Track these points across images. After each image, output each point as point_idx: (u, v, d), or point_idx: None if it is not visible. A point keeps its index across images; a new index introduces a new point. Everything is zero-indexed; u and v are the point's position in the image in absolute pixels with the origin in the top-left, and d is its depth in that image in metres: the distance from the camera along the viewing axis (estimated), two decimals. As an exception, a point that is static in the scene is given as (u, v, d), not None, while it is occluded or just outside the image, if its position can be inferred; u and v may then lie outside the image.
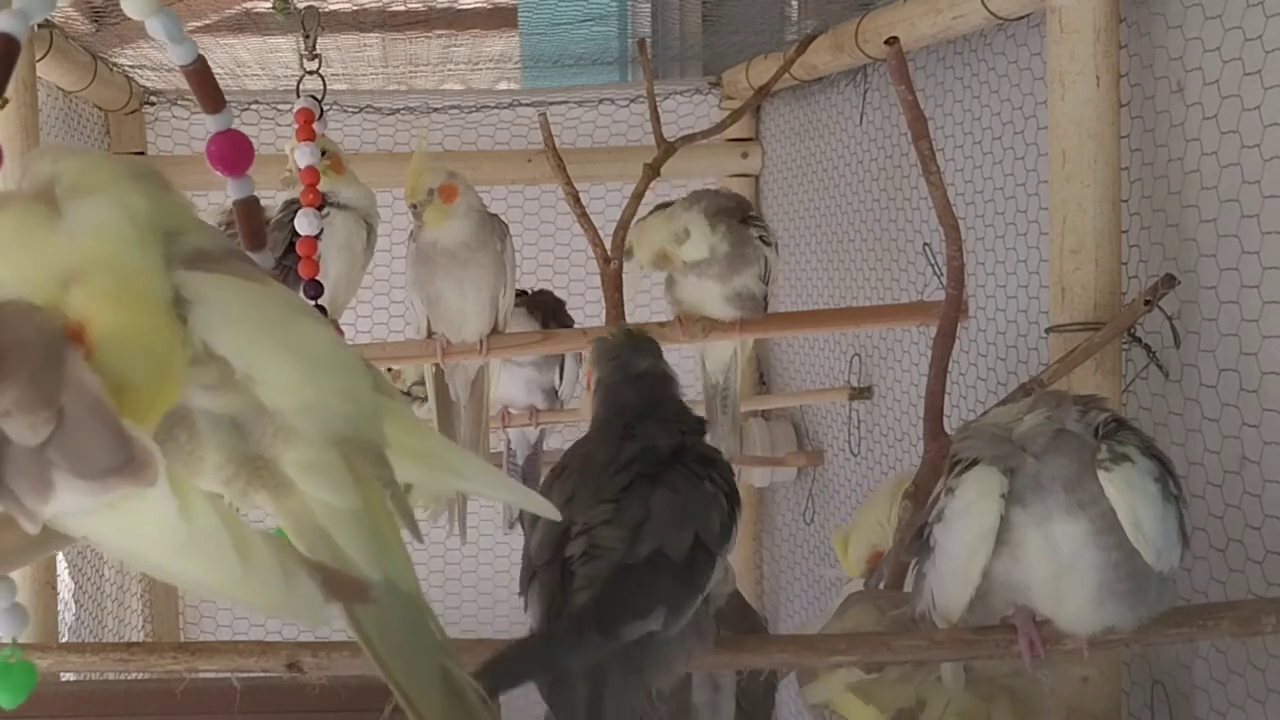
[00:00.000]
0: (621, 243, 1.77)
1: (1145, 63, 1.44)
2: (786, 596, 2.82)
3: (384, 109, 2.88)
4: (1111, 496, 1.09)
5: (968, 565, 1.14)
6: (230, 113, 0.95)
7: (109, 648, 1.22)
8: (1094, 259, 1.42)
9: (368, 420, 0.75)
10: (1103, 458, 1.09)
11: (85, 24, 2.13)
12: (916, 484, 1.51)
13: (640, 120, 2.81)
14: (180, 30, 0.90)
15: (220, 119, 0.94)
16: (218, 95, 0.94)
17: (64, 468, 0.69)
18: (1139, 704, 1.47)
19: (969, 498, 1.13)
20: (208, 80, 0.93)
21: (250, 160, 0.94)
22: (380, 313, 2.87)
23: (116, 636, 2.72)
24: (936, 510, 1.18)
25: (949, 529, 1.15)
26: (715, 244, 1.84)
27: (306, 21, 1.66)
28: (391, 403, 0.78)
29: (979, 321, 1.84)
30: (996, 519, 1.11)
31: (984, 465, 1.14)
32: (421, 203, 1.87)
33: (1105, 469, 1.09)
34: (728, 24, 2.60)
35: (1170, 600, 1.16)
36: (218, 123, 0.94)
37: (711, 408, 2.10)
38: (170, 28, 0.89)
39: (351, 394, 0.76)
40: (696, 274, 1.87)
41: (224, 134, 0.94)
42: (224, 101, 0.94)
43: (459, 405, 2.03)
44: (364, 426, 0.75)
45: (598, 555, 1.06)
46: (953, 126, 1.93)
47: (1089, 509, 1.09)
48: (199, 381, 0.72)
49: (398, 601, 0.76)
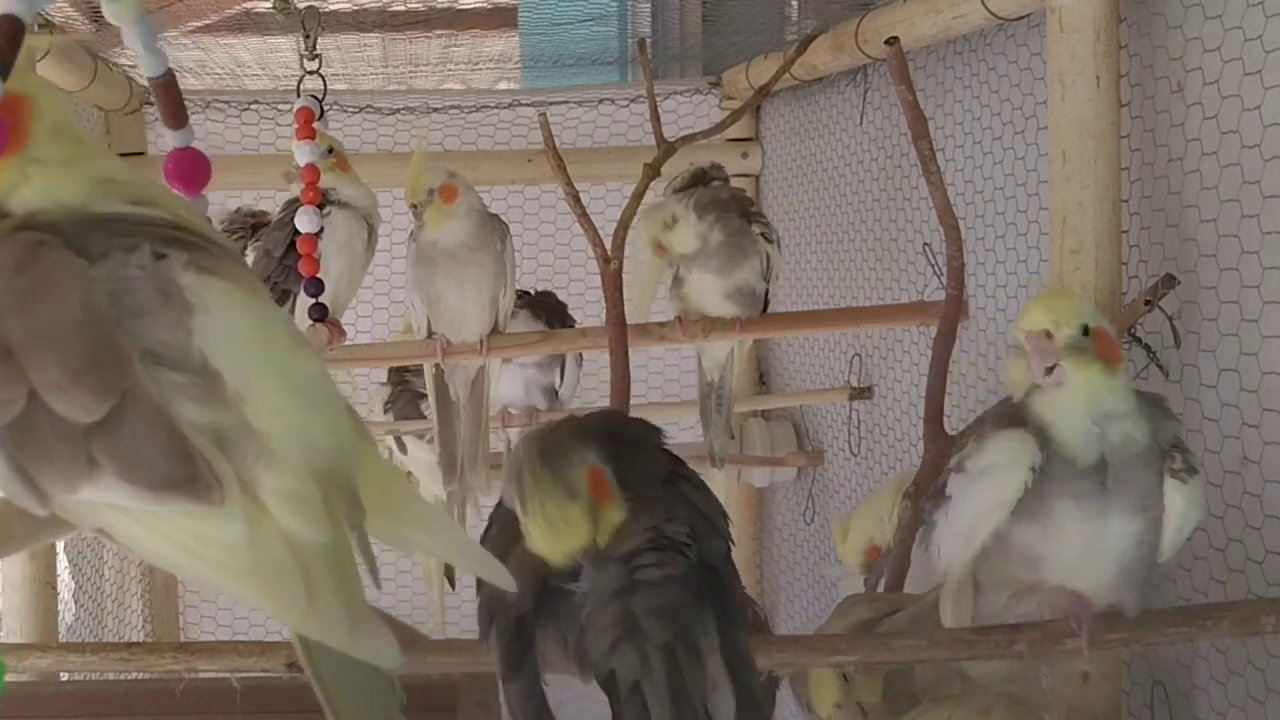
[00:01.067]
0: (622, 243, 1.77)
1: (1145, 63, 1.44)
2: (786, 596, 2.82)
3: (384, 109, 2.89)
4: (1175, 505, 1.11)
5: (973, 528, 1.12)
6: (192, 129, 0.94)
7: (109, 648, 1.22)
8: (1094, 259, 1.42)
9: (347, 459, 0.75)
10: (1178, 468, 1.11)
11: (85, 24, 2.13)
12: (917, 484, 1.51)
13: (640, 120, 2.81)
14: (155, 40, 0.90)
15: (182, 135, 0.94)
16: (183, 111, 0.94)
17: (110, 469, 0.68)
18: (1139, 704, 1.47)
19: (994, 460, 1.11)
20: (175, 94, 0.93)
21: (206, 179, 0.93)
22: (380, 313, 2.87)
23: (116, 636, 2.72)
24: (958, 458, 1.15)
25: (966, 485, 1.13)
26: (705, 234, 1.86)
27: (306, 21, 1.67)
28: (367, 448, 0.78)
29: (979, 321, 1.84)
30: (1020, 490, 1.09)
31: (1022, 431, 1.10)
32: (422, 203, 1.87)
33: (1181, 479, 1.11)
34: (728, 24, 2.60)
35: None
36: (179, 139, 0.94)
37: (706, 407, 2.10)
38: (147, 37, 0.89)
39: (336, 430, 0.75)
40: (697, 267, 1.88)
41: (183, 151, 0.94)
42: (188, 118, 0.94)
43: (459, 405, 2.03)
44: (342, 464, 0.74)
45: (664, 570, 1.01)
46: (953, 126, 1.93)
47: (1151, 512, 1.11)
48: (189, 394, 0.70)
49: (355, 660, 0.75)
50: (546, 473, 0.95)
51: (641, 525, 1.02)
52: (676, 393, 2.91)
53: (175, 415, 0.69)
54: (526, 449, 0.98)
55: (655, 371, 2.94)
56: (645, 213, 1.85)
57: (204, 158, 0.94)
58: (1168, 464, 1.11)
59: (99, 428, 0.68)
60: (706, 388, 2.09)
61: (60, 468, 0.68)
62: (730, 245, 1.87)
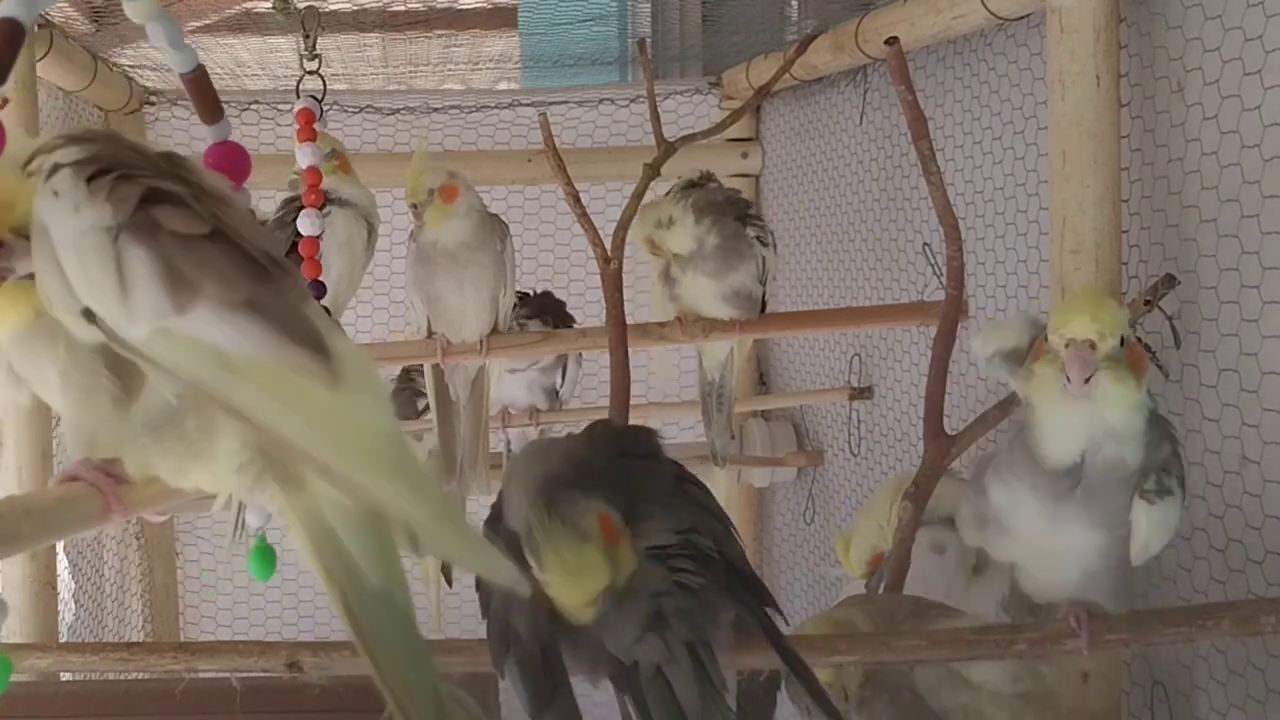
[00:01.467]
0: (622, 243, 1.77)
1: (1145, 63, 1.44)
2: (786, 597, 2.82)
3: (384, 109, 2.89)
4: (1139, 524, 1.12)
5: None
6: (229, 123, 0.94)
7: (109, 648, 1.22)
8: (1094, 259, 1.42)
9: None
10: (1148, 488, 1.12)
11: (85, 24, 2.13)
12: (917, 484, 1.51)
13: (640, 120, 2.81)
14: (181, 37, 0.90)
15: (219, 129, 0.94)
16: (217, 105, 0.94)
17: (260, 317, 0.73)
18: (1139, 704, 1.47)
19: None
20: (207, 89, 0.93)
21: (248, 172, 0.93)
22: (380, 313, 2.88)
23: (116, 636, 2.72)
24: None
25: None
26: (701, 236, 1.86)
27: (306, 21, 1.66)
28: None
29: (979, 321, 1.84)
30: None
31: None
32: (422, 203, 1.87)
33: (1149, 500, 1.12)
34: (728, 24, 2.60)
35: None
36: (216, 133, 0.94)
37: (707, 405, 2.11)
38: (172, 33, 0.89)
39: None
40: (692, 269, 1.88)
41: (222, 145, 0.94)
42: (222, 111, 0.94)
43: (459, 405, 2.03)
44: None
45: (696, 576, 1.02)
46: (953, 126, 1.93)
47: (1118, 530, 1.13)
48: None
49: (394, 613, 0.77)
50: (556, 524, 0.96)
51: (668, 528, 1.03)
52: (676, 393, 2.91)
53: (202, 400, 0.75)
54: (533, 505, 0.98)
55: (655, 372, 2.94)
56: (642, 210, 1.85)
57: (244, 151, 0.95)
58: (1141, 482, 1.11)
59: (263, 287, 0.74)
60: (707, 386, 2.10)
61: (223, 279, 0.73)
62: (726, 249, 1.87)
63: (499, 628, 1.03)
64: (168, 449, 0.79)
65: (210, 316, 0.73)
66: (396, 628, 0.76)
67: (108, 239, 0.74)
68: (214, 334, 0.73)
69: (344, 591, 0.76)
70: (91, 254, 0.74)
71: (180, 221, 0.75)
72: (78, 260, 0.74)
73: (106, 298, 0.74)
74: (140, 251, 0.73)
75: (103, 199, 0.74)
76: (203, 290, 0.73)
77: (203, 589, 3.00)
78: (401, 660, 0.77)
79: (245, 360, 0.73)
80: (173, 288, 0.73)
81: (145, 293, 0.73)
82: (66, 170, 0.76)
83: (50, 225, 0.75)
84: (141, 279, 0.73)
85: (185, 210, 0.76)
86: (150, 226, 0.74)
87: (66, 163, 0.77)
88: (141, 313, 0.73)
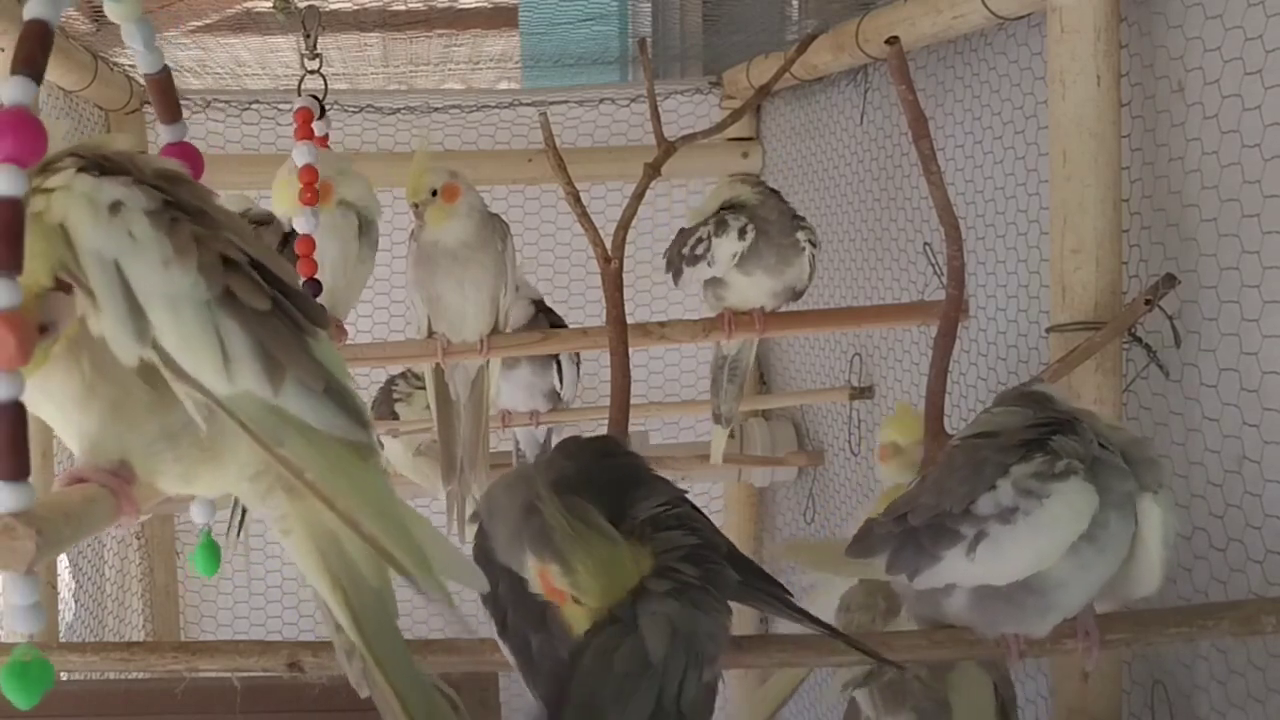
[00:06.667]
0: (622, 243, 1.76)
1: (1146, 62, 1.44)
2: (787, 596, 2.82)
3: (385, 108, 2.89)
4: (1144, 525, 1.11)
5: (1023, 569, 1.11)
6: (185, 124, 1.00)
7: (109, 648, 1.22)
8: (1094, 258, 1.42)
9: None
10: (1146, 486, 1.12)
11: (85, 24, 2.13)
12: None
13: (640, 120, 2.81)
14: (154, 39, 0.95)
15: (175, 129, 0.99)
16: (176, 106, 0.99)
17: (292, 375, 0.80)
18: (1139, 704, 1.47)
19: (1062, 513, 1.09)
20: (170, 91, 0.98)
21: (200, 172, 0.96)
22: (380, 313, 2.88)
23: (116, 636, 2.72)
24: (1000, 507, 1.11)
25: (1021, 533, 1.10)
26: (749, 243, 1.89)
27: (307, 21, 1.66)
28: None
29: (979, 321, 1.84)
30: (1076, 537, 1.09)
31: (1082, 480, 1.09)
32: (423, 202, 1.87)
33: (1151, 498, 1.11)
34: (728, 24, 2.60)
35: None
36: (172, 133, 0.99)
37: (718, 378, 2.11)
38: (147, 36, 0.94)
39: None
40: (744, 270, 1.89)
41: (178, 145, 0.98)
42: (181, 113, 1.00)
43: (459, 405, 2.03)
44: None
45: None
46: (953, 126, 1.93)
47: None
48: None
49: (386, 613, 0.84)
50: (580, 525, 0.98)
51: (658, 503, 1.05)
52: (677, 393, 2.91)
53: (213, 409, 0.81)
54: (549, 510, 0.99)
55: (656, 371, 2.94)
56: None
57: (197, 152, 0.99)
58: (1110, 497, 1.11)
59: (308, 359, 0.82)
60: (721, 359, 2.10)
61: (301, 365, 0.80)
62: (784, 245, 1.90)
63: (518, 643, 1.06)
64: (181, 455, 0.83)
65: (295, 392, 0.80)
66: (389, 626, 0.82)
67: (207, 311, 0.79)
68: (299, 409, 0.80)
69: (346, 592, 0.79)
70: (193, 324, 0.78)
71: (254, 297, 0.80)
72: (173, 320, 0.78)
73: (204, 363, 0.78)
74: (234, 326, 0.79)
75: (192, 264, 0.79)
76: (288, 373, 0.80)
77: (203, 589, 3.00)
78: (399, 658, 0.81)
79: (322, 435, 0.80)
80: (268, 369, 0.79)
81: (246, 369, 0.79)
82: (134, 212, 0.79)
83: (128, 269, 0.78)
84: (242, 357, 0.79)
85: (250, 282, 0.81)
86: (233, 298, 0.80)
87: (122, 199, 0.80)
88: (241, 383, 0.79)
